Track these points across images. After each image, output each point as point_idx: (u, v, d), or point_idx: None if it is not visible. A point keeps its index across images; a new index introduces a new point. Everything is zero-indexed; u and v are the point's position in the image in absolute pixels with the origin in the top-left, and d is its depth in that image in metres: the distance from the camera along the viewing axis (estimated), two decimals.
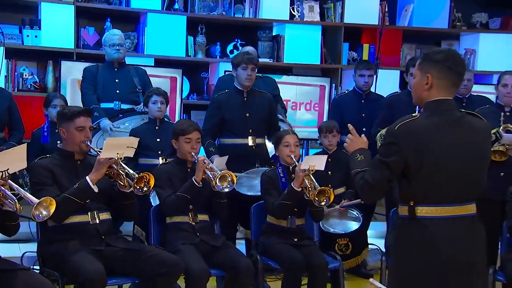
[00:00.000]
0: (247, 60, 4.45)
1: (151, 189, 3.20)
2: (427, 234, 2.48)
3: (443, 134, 2.47)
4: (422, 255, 2.49)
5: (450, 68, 2.48)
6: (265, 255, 3.82)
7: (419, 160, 2.45)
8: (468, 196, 2.50)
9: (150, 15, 5.85)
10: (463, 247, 2.47)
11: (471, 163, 2.49)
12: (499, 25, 6.62)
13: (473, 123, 2.55)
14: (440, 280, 2.47)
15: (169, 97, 5.58)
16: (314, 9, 6.34)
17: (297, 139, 4.00)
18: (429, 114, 2.51)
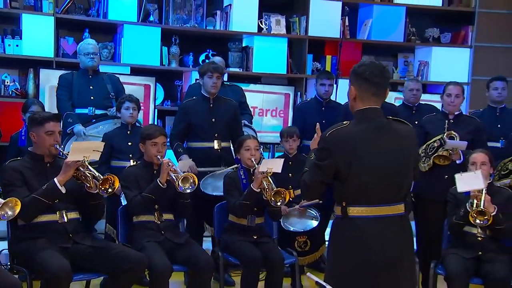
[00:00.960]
0: (213, 69, 4.43)
1: (116, 190, 3.15)
2: (358, 233, 2.50)
3: (370, 140, 2.49)
4: (354, 252, 2.50)
5: (368, 80, 2.49)
6: (227, 251, 3.80)
7: (348, 164, 2.48)
8: (395, 197, 2.52)
9: (127, 26, 5.80)
10: (392, 244, 2.49)
11: (396, 167, 2.51)
12: (449, 39, 6.67)
13: (398, 129, 2.57)
14: (370, 276, 2.48)
15: (143, 103, 5.59)
16: (280, 22, 6.34)
17: (257, 144, 4.00)
18: (357, 121, 2.53)
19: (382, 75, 2.53)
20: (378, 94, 2.52)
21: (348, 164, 2.48)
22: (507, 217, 3.59)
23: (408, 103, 5.10)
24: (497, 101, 4.87)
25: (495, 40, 6.56)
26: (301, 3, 6.32)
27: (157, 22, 5.99)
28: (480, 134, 4.40)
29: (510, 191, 3.83)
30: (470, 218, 3.46)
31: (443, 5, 6.58)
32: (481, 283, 3.54)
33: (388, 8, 6.45)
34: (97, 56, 4.88)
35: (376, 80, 2.50)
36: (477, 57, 6.54)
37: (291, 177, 4.56)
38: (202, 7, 6.14)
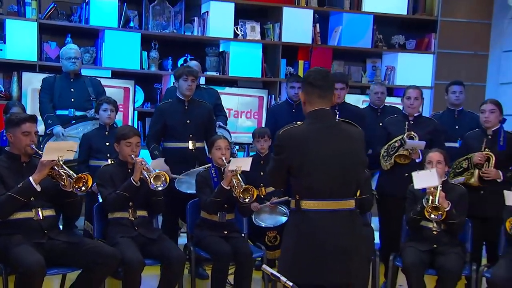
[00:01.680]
0: (188, 73, 4.43)
1: (89, 188, 3.13)
2: (310, 225, 2.56)
3: (320, 139, 2.57)
4: (305, 243, 2.56)
5: (311, 84, 2.61)
6: (198, 246, 3.80)
7: (299, 161, 2.57)
8: (345, 193, 2.59)
9: (108, 32, 5.76)
10: (341, 236, 2.55)
11: (345, 165, 2.58)
12: (414, 46, 6.72)
13: (346, 130, 2.65)
14: (319, 265, 2.54)
15: (123, 105, 5.57)
16: (255, 29, 6.34)
17: (227, 144, 4.00)
18: (309, 122, 2.63)
19: (325, 79, 2.63)
20: (323, 96, 2.62)
21: (299, 161, 2.58)
22: (460, 212, 3.65)
23: (374, 105, 5.14)
24: (455, 104, 4.93)
25: (456, 47, 6.63)
26: (275, 11, 6.33)
27: (137, 27, 5.96)
28: (437, 135, 4.45)
29: (463, 188, 3.88)
30: (426, 213, 3.50)
31: (408, 13, 6.62)
32: (435, 274, 3.59)
33: (357, 16, 6.49)
34: (79, 61, 4.85)
35: (319, 83, 2.61)
36: (440, 62, 6.60)
37: (262, 175, 4.57)
38: (181, 13, 6.12)
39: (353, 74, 6.76)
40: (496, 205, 3.83)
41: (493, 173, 4.12)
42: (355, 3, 6.55)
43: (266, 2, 6.29)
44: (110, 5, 5.76)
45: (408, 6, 6.60)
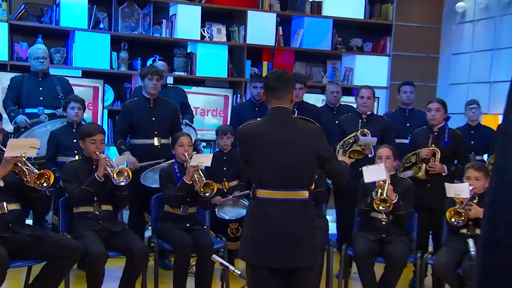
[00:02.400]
0: (153, 72, 4.40)
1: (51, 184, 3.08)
2: (263, 211, 2.62)
3: (272, 134, 2.62)
4: (259, 228, 2.62)
5: (266, 85, 2.69)
6: (162, 238, 3.78)
7: (253, 153, 2.65)
8: (296, 184, 2.63)
9: (78, 33, 5.67)
10: (292, 224, 2.59)
11: (295, 158, 2.62)
12: (371, 48, 6.80)
13: (302, 127, 2.68)
14: (271, 249, 2.59)
15: (92, 104, 5.49)
16: (221, 31, 6.32)
17: (190, 140, 3.98)
18: (266, 118, 2.69)
19: (277, 80, 2.67)
20: (276, 97, 2.67)
21: (253, 153, 2.65)
22: (406, 204, 3.70)
23: (330, 104, 5.18)
24: (406, 103, 5.00)
25: (409, 49, 6.73)
26: (240, 14, 6.33)
27: (107, 29, 5.88)
28: (388, 132, 4.52)
29: (410, 182, 3.94)
30: (374, 205, 3.55)
31: (365, 18, 6.69)
32: (384, 262, 3.64)
33: (318, 20, 6.52)
34: (47, 60, 4.76)
35: (271, 84, 2.66)
36: (394, 64, 6.69)
37: (225, 170, 4.58)
38: (149, 16, 6.06)
39: (314, 74, 6.80)
40: (441, 197, 3.89)
41: (438, 167, 4.20)
42: (315, 7, 6.59)
43: (231, 6, 6.28)
44: (80, 7, 5.67)
45: (365, 11, 6.67)
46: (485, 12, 6.28)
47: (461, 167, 4.17)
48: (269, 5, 6.43)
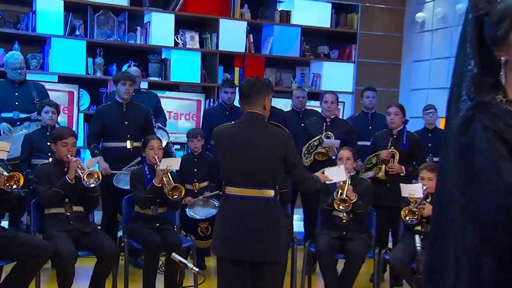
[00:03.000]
0: (125, 77, 4.37)
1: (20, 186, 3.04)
2: (231, 207, 2.72)
3: (241, 136, 2.71)
4: (227, 222, 2.72)
5: (240, 92, 2.80)
6: (132, 238, 3.75)
7: (223, 153, 2.77)
8: (262, 183, 2.70)
9: (54, 39, 5.60)
10: (257, 220, 2.67)
11: (260, 159, 2.71)
12: (337, 55, 6.86)
13: (272, 131, 2.74)
14: (238, 242, 2.68)
15: (68, 108, 5.43)
16: (194, 38, 6.31)
17: (160, 144, 3.96)
18: (238, 122, 2.79)
19: (250, 87, 2.76)
20: (249, 103, 2.75)
21: (223, 153, 2.78)
22: (365, 203, 3.75)
23: (296, 108, 5.21)
24: (368, 107, 5.06)
25: (373, 57, 6.81)
26: (212, 22, 6.32)
27: (83, 36, 5.82)
28: (351, 134, 4.57)
29: (369, 182, 3.99)
30: (335, 205, 3.58)
31: (331, 26, 6.75)
32: (344, 258, 3.68)
33: (287, 28, 6.56)
34: (23, 70, 4.70)
35: (244, 91, 2.77)
36: (359, 70, 6.77)
37: (196, 172, 4.57)
38: (124, 23, 6.02)
39: (284, 80, 6.83)
40: (399, 196, 3.94)
41: (397, 168, 4.26)
42: (284, 16, 6.62)
43: (204, 14, 6.28)
44: (56, 14, 5.60)
45: (331, 20, 6.73)
46: (442, 22, 6.41)
47: (418, 168, 4.24)
48: (240, 13, 6.44)
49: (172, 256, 2.10)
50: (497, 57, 1.33)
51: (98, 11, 5.87)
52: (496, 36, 1.32)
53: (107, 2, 5.85)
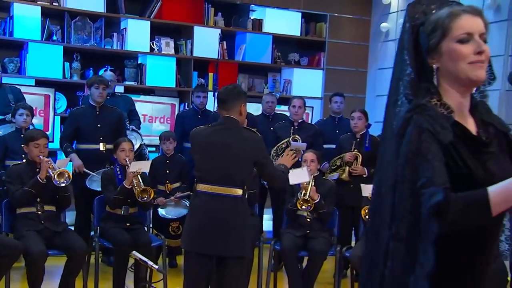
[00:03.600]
0: (99, 81, 4.33)
1: None
2: (201, 203, 2.79)
3: (213, 138, 2.80)
4: (196, 217, 2.79)
5: (218, 98, 2.93)
6: (103, 237, 3.70)
7: (196, 152, 2.87)
8: (232, 182, 2.77)
9: (31, 44, 5.51)
10: (224, 216, 2.74)
11: (233, 160, 2.79)
12: (307, 62, 6.91)
13: (245, 135, 2.84)
14: (204, 237, 2.74)
15: (44, 111, 5.34)
16: (169, 44, 6.28)
17: (131, 146, 3.92)
18: (213, 125, 2.90)
19: (227, 94, 2.87)
20: (226, 108, 2.86)
21: (197, 152, 2.88)
22: (328, 203, 3.77)
23: (266, 112, 5.23)
24: (336, 112, 5.10)
25: (341, 64, 6.88)
26: (187, 29, 6.30)
27: (60, 41, 5.74)
28: (317, 138, 4.61)
29: (332, 183, 4.02)
30: (298, 204, 3.60)
31: (301, 35, 6.80)
32: (307, 255, 3.69)
33: (259, 36, 6.58)
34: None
35: (221, 97, 2.89)
36: (328, 77, 6.82)
37: (168, 173, 4.54)
38: (101, 29, 5.95)
39: (256, 86, 6.85)
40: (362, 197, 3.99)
41: (359, 170, 4.31)
42: (257, 24, 6.64)
43: (179, 21, 6.25)
44: (33, 20, 5.52)
45: (301, 28, 6.77)
46: None
47: None
48: (214, 21, 6.44)
49: (133, 254, 2.08)
50: (430, 64, 1.36)
51: (75, 17, 5.79)
52: (429, 45, 1.35)
53: (84, 9, 5.78)
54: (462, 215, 1.19)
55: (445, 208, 1.19)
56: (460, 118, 1.34)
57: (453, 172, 1.26)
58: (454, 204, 1.19)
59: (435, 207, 1.19)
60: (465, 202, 1.20)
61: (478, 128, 1.36)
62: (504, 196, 1.17)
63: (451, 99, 1.34)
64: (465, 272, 1.34)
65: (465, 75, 1.31)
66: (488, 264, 1.37)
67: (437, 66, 1.35)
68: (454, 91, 1.34)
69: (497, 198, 1.17)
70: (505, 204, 1.18)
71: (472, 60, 1.30)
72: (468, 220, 1.21)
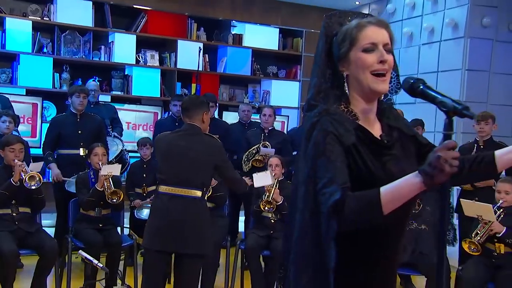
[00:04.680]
0: (80, 90, 4.28)
1: None
2: (161, 204, 2.79)
3: (175, 142, 2.82)
4: (156, 216, 2.80)
5: (182, 106, 2.96)
6: (76, 237, 3.62)
7: (158, 156, 2.91)
8: (191, 184, 2.78)
9: (23, 56, 5.46)
10: (181, 215, 2.75)
11: (193, 163, 2.80)
12: (284, 75, 6.89)
13: (205, 140, 2.84)
14: (162, 235, 2.74)
15: (32, 119, 5.27)
16: (154, 56, 6.24)
17: (104, 151, 3.85)
18: (178, 130, 2.92)
19: (190, 103, 2.89)
20: (189, 116, 2.89)
21: (159, 155, 2.89)
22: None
23: (242, 121, 5.17)
24: None
25: None
26: (171, 43, 6.26)
27: (50, 53, 5.68)
28: (285, 144, 4.56)
29: None
30: (262, 206, 3.53)
31: (279, 49, 6.78)
32: (269, 255, 3.62)
33: (239, 50, 6.55)
34: None
35: (184, 106, 2.91)
36: (304, 88, 6.79)
37: (145, 177, 4.47)
38: (89, 42, 5.91)
39: (237, 96, 6.80)
40: None
41: None
42: (237, 39, 6.61)
43: (163, 35, 6.21)
44: (24, 33, 5.47)
45: (279, 43, 6.76)
46: None
47: None
48: (197, 35, 6.41)
49: (79, 253, 2.01)
50: (341, 72, 1.36)
51: (65, 31, 5.75)
52: (339, 54, 1.35)
53: (73, 23, 5.74)
54: (356, 213, 1.17)
55: (342, 207, 1.17)
56: (365, 123, 1.34)
57: (354, 172, 1.25)
58: (349, 203, 1.17)
59: (333, 205, 1.18)
60: (358, 200, 1.17)
61: (383, 132, 1.36)
62: (394, 194, 1.14)
63: (358, 105, 1.34)
64: (370, 268, 1.31)
65: (367, 85, 1.31)
66: (393, 260, 1.34)
67: (347, 74, 1.35)
68: (360, 98, 1.34)
69: (387, 197, 1.14)
70: (396, 202, 1.15)
71: (375, 69, 1.30)
72: (362, 218, 1.18)
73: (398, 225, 1.31)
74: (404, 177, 1.14)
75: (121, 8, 6.02)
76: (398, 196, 1.14)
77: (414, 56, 5.87)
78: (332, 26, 1.38)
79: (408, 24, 6.01)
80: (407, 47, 5.98)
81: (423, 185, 1.10)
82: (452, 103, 1.12)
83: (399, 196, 1.14)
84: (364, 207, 1.16)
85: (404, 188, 1.13)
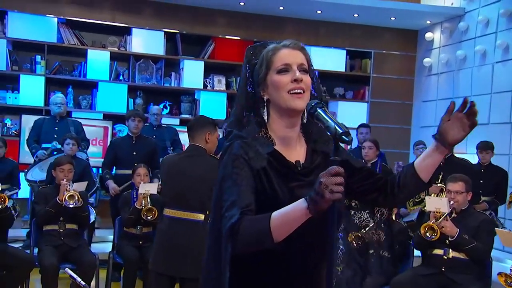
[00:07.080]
0: (135, 114, 4.47)
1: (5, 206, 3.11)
2: (165, 227, 2.78)
3: (180, 165, 2.77)
4: (161, 240, 2.78)
5: (187, 127, 2.88)
6: (118, 253, 3.70)
7: (165, 179, 2.87)
8: (192, 207, 2.71)
9: (101, 83, 5.89)
10: (183, 239, 2.68)
11: (196, 186, 2.70)
12: (352, 96, 6.56)
13: (207, 161, 2.74)
14: (169, 259, 2.72)
15: (103, 140, 5.61)
16: (221, 81, 6.35)
17: (146, 171, 3.92)
18: (183, 152, 2.94)
19: (194, 124, 2.83)
20: (192, 136, 2.80)
21: (165, 179, 2.86)
22: None
23: None
24: (361, 141, 4.75)
25: (385, 97, 6.43)
26: (237, 67, 6.29)
27: (126, 80, 6.07)
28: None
29: None
30: None
31: (346, 70, 6.49)
32: None
33: None
34: (64, 105, 4.90)
35: (188, 125, 2.87)
36: (372, 109, 6.41)
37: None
38: (161, 69, 6.21)
39: None
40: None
41: None
42: None
43: (229, 61, 6.30)
44: (103, 63, 5.91)
45: (346, 64, 6.47)
46: (446, 66, 5.93)
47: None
48: None
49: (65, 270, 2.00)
50: (261, 96, 1.34)
51: (139, 60, 6.11)
52: (258, 79, 1.35)
53: (147, 52, 6.08)
54: (248, 237, 1.14)
55: (238, 230, 1.16)
56: (284, 148, 1.32)
57: (262, 196, 1.24)
58: (244, 226, 1.15)
59: (230, 228, 1.16)
60: (252, 223, 1.15)
61: (306, 157, 1.33)
62: (283, 219, 1.11)
63: (277, 130, 1.33)
64: None
65: (285, 104, 1.30)
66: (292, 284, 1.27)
67: (267, 98, 1.33)
68: (281, 121, 1.32)
69: (277, 222, 1.11)
70: (285, 227, 1.11)
71: (291, 88, 1.28)
72: (254, 241, 1.14)
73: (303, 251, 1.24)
74: (294, 203, 1.12)
75: (191, 37, 6.25)
76: (287, 221, 1.11)
77: (487, 74, 5.28)
78: (256, 55, 1.37)
79: (481, 41, 5.48)
80: (480, 65, 5.39)
81: (308, 211, 1.08)
82: (335, 128, 1.08)
83: (287, 221, 1.11)
84: (255, 230, 1.14)
85: (291, 213, 1.11)
